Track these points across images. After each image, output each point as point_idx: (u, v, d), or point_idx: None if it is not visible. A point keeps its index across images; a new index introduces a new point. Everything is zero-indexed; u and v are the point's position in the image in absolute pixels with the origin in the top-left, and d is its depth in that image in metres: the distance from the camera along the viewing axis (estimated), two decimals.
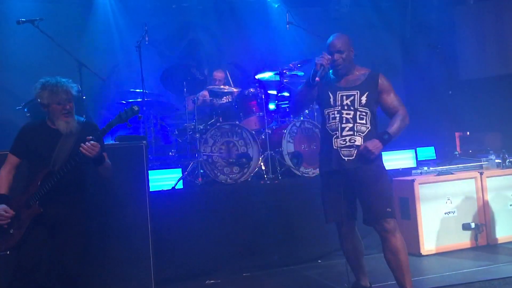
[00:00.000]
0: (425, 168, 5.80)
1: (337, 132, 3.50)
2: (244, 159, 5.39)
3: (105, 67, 7.25)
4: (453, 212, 5.27)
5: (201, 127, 5.59)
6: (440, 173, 5.51)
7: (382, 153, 5.77)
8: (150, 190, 4.35)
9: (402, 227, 5.31)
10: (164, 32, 7.63)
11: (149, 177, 4.36)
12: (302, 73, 6.30)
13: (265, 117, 5.65)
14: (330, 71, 3.61)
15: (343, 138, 3.48)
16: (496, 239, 5.39)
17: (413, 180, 5.18)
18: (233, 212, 4.91)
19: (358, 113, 3.52)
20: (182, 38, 7.71)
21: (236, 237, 4.85)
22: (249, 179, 5.40)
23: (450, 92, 7.28)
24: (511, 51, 7.20)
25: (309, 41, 7.05)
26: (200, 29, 7.76)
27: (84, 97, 5.32)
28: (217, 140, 5.41)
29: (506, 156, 5.83)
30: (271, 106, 5.98)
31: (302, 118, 5.79)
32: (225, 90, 6.01)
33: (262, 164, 5.47)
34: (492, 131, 7.10)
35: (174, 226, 4.69)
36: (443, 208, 5.24)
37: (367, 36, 7.92)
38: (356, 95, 3.53)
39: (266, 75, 6.18)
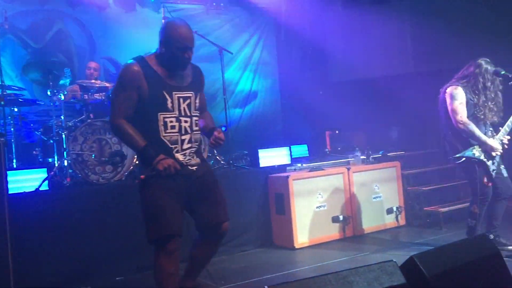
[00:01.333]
0: (299, 164, 6.05)
1: (177, 145, 2.98)
2: (117, 158, 5.12)
3: None
4: (324, 206, 5.55)
5: (70, 124, 5.22)
6: (312, 169, 5.77)
7: (259, 150, 5.96)
8: (9, 192, 3.92)
9: (277, 222, 5.51)
10: (28, 21, 7.00)
11: (8, 178, 3.92)
12: None
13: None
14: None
15: (184, 153, 3.01)
16: (362, 230, 5.79)
17: (287, 176, 5.35)
18: (106, 213, 4.65)
19: (194, 119, 3.06)
20: (49, 29, 7.13)
21: (109, 239, 4.59)
22: (123, 178, 5.16)
23: (321, 93, 7.68)
24: (374, 56, 7.80)
25: None
26: (70, 20, 7.26)
27: None
28: (88, 137, 5.08)
29: (370, 152, 6.30)
30: None
31: None
32: (97, 85, 5.67)
33: (137, 162, 5.25)
34: (358, 130, 7.63)
35: (39, 231, 4.30)
36: (315, 203, 5.50)
37: (243, 36, 8.06)
38: (191, 98, 3.04)
39: None
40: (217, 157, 6.13)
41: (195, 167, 3.06)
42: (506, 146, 4.55)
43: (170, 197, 2.94)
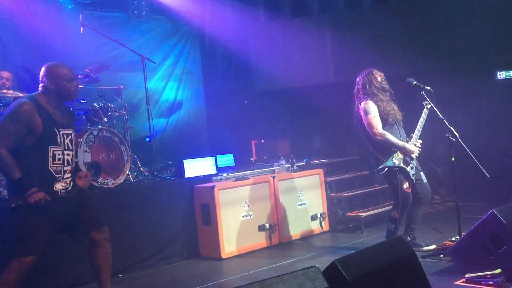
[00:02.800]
0: (225, 174, 6.04)
1: (60, 175, 3.41)
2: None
3: None
4: (250, 215, 5.58)
5: None
6: (238, 179, 5.79)
7: (184, 161, 5.88)
8: None
9: (204, 233, 5.46)
10: None
11: None
12: (100, 79, 6.03)
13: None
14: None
15: (65, 181, 3.45)
16: (287, 237, 5.88)
17: (213, 187, 5.33)
18: None
19: (72, 153, 3.53)
20: None
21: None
22: None
23: (246, 102, 7.75)
24: (296, 67, 8.00)
25: (107, 46, 6.76)
26: None
27: None
28: None
29: (294, 161, 6.43)
30: None
31: (100, 126, 5.49)
32: (9, 95, 5.34)
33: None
34: (282, 139, 7.76)
35: None
36: (241, 212, 5.51)
37: (167, 45, 7.96)
38: (72, 134, 3.53)
39: None
40: (141, 168, 5.99)
41: (69, 191, 3.47)
42: (420, 149, 4.82)
43: (38, 219, 3.28)
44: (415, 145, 4.78)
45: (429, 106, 4.77)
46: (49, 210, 3.32)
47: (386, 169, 4.68)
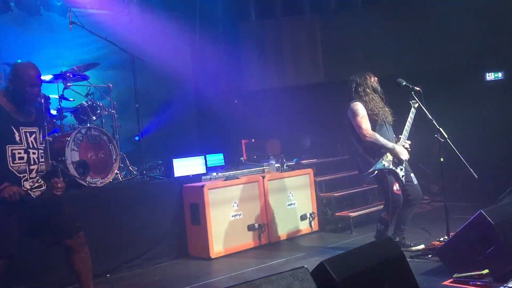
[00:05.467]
0: (214, 173, 6.02)
1: (25, 174, 3.34)
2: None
3: None
4: (240, 215, 5.56)
5: None
6: (227, 178, 5.76)
7: (174, 160, 5.85)
8: None
9: (193, 232, 5.44)
10: None
11: None
12: (89, 77, 5.97)
13: (46, 123, 5.12)
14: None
15: (32, 180, 3.38)
16: (276, 237, 5.87)
17: (202, 186, 5.30)
18: None
19: (40, 151, 3.46)
20: None
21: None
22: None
23: (236, 101, 7.72)
24: (287, 67, 8.00)
25: (96, 44, 6.69)
26: None
27: None
28: None
29: (284, 160, 6.42)
30: (53, 112, 5.47)
31: (88, 124, 5.44)
32: None
33: None
34: (273, 138, 7.75)
35: None
36: (230, 211, 5.49)
37: (159, 44, 7.90)
38: (37, 132, 3.46)
39: (47, 77, 5.62)
40: (130, 167, 5.95)
41: (39, 193, 3.39)
42: (409, 149, 4.84)
43: (10, 221, 3.22)
44: (404, 146, 4.79)
45: (416, 105, 4.78)
46: (21, 211, 3.24)
47: (376, 172, 4.68)
